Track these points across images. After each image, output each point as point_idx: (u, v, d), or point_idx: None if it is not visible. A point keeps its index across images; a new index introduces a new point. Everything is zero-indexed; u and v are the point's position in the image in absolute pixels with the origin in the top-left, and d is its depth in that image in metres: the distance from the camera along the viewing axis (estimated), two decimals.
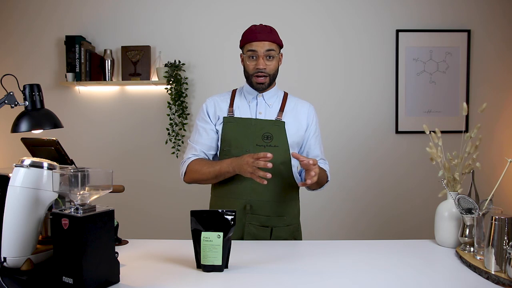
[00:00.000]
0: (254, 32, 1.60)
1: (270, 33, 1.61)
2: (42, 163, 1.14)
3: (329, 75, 2.96)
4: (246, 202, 1.60)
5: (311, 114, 1.72)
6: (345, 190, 2.97)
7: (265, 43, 1.59)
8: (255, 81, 1.63)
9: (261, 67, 1.60)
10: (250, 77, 1.65)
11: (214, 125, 1.68)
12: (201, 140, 1.66)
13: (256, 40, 1.59)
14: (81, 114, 3.00)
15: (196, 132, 1.70)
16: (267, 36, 1.60)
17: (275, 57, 1.63)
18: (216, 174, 1.57)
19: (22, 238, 1.11)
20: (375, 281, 1.14)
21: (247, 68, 1.65)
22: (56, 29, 2.97)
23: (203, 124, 1.69)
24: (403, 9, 2.93)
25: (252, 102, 1.69)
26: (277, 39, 1.63)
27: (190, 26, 2.96)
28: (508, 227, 1.13)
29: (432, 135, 1.49)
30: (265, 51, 1.59)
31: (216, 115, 1.68)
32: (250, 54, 1.61)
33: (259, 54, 1.59)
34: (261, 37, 1.59)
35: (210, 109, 1.70)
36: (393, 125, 2.96)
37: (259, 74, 1.61)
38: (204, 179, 1.61)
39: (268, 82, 1.64)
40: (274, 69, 1.64)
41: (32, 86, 1.27)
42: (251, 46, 1.60)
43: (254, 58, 1.61)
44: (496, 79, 2.93)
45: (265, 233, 1.60)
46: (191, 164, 1.63)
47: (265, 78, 1.62)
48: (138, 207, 2.98)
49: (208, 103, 1.71)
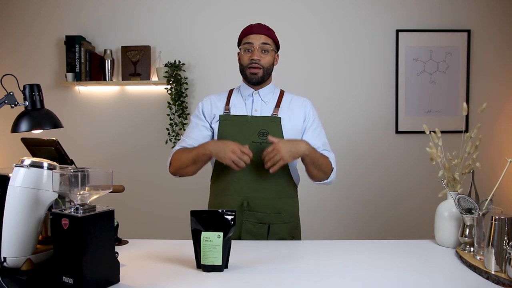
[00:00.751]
0: (251, 27, 1.66)
1: (267, 29, 1.66)
2: (42, 163, 1.14)
3: (329, 75, 2.96)
4: (243, 199, 1.60)
5: (307, 108, 1.71)
6: (345, 190, 2.97)
7: (261, 36, 1.63)
8: (248, 72, 1.64)
9: (255, 58, 1.62)
10: (244, 69, 1.66)
11: (210, 123, 1.69)
12: (192, 135, 1.67)
13: (252, 33, 1.63)
14: (81, 114, 3.00)
15: (189, 128, 1.72)
16: (264, 31, 1.64)
17: (269, 52, 1.64)
18: (193, 158, 1.56)
19: (22, 238, 1.11)
20: (375, 281, 1.14)
21: (242, 60, 1.67)
22: (56, 29, 2.97)
23: (196, 120, 1.71)
24: (403, 9, 2.93)
25: (248, 100, 1.69)
26: (273, 36, 1.67)
27: (190, 26, 2.96)
28: (508, 227, 1.13)
29: (432, 135, 1.49)
30: (261, 43, 1.62)
31: (212, 114, 1.69)
32: (247, 47, 1.64)
33: (254, 46, 1.62)
34: (258, 31, 1.64)
35: (206, 107, 1.71)
36: (393, 125, 2.96)
37: (253, 65, 1.63)
38: (183, 167, 1.61)
39: (261, 74, 1.64)
40: (268, 63, 1.65)
41: (32, 86, 1.27)
42: (248, 39, 1.64)
43: (249, 51, 1.64)
44: (496, 79, 2.93)
45: (262, 230, 1.60)
46: (174, 153, 1.65)
47: (259, 69, 1.63)
48: (138, 207, 2.98)
49: (205, 101, 1.74)
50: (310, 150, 1.53)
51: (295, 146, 1.50)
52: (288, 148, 1.48)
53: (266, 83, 1.70)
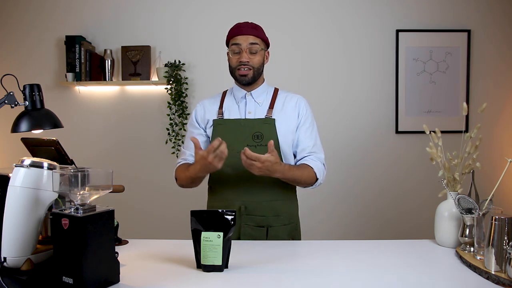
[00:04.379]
0: (238, 27, 1.63)
1: (254, 28, 1.63)
2: (42, 163, 1.14)
3: (329, 75, 2.96)
4: (241, 203, 1.60)
5: (301, 105, 1.68)
6: (345, 190, 2.97)
7: (248, 37, 1.60)
8: (238, 73, 1.63)
9: (244, 60, 1.60)
10: (234, 71, 1.65)
11: (204, 129, 1.69)
12: (190, 145, 1.66)
13: (240, 34, 1.61)
14: (81, 114, 3.00)
15: (186, 137, 1.74)
16: (251, 31, 1.61)
17: (258, 52, 1.62)
18: (190, 180, 1.60)
19: (22, 238, 1.11)
20: (375, 281, 1.14)
21: (230, 62, 1.65)
22: (56, 29, 2.97)
23: (192, 129, 1.72)
24: (403, 9, 2.93)
25: (241, 102, 1.68)
26: (262, 35, 1.64)
27: (190, 26, 2.96)
28: (508, 227, 1.13)
29: (432, 135, 1.49)
30: (249, 44, 1.60)
31: (205, 119, 1.69)
32: (234, 48, 1.62)
33: (242, 47, 1.60)
34: (245, 31, 1.61)
35: (199, 114, 1.72)
36: (393, 125, 2.96)
37: (242, 67, 1.61)
38: (186, 184, 1.65)
39: (251, 75, 1.62)
40: (258, 64, 1.63)
41: (32, 86, 1.27)
42: (235, 40, 1.61)
43: (237, 53, 1.62)
44: (496, 79, 2.93)
45: (261, 233, 1.60)
46: (176, 170, 1.68)
47: (249, 70, 1.62)
48: (138, 207, 2.98)
49: (198, 108, 1.74)
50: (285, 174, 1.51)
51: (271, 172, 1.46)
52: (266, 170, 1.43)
53: (258, 83, 1.68)
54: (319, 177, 1.62)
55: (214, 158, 1.40)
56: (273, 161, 1.43)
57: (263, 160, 1.40)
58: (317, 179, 1.62)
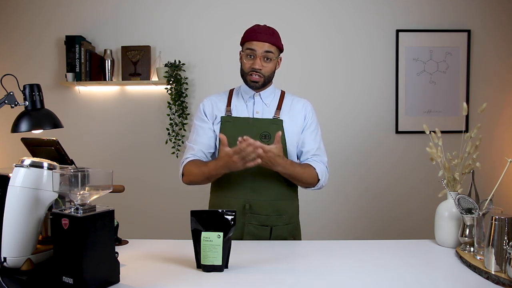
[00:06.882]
0: (256, 32, 1.60)
1: (271, 35, 1.61)
2: (42, 163, 1.14)
3: (329, 75, 2.96)
4: (245, 201, 1.60)
5: (307, 109, 1.70)
6: (344, 190, 2.97)
7: (264, 44, 1.58)
8: (249, 79, 1.63)
9: (257, 67, 1.59)
10: (245, 75, 1.64)
11: (212, 124, 1.68)
12: (199, 139, 1.66)
13: (257, 40, 1.58)
14: (81, 114, 3.00)
15: (194, 132, 1.70)
16: (268, 38, 1.59)
17: (272, 60, 1.62)
18: (206, 176, 1.58)
19: (22, 238, 1.11)
20: (375, 281, 1.14)
21: (243, 66, 1.64)
22: (56, 29, 2.97)
23: (201, 123, 1.69)
24: (403, 9, 2.93)
25: (249, 102, 1.68)
26: (278, 42, 1.63)
27: (190, 26, 2.96)
28: (508, 227, 1.13)
29: (432, 135, 1.49)
30: (264, 51, 1.58)
31: (213, 114, 1.68)
32: (249, 52, 1.60)
33: (257, 54, 1.59)
34: (262, 38, 1.58)
35: (207, 108, 1.70)
36: (393, 125, 2.96)
37: (254, 73, 1.61)
38: (197, 181, 1.62)
39: (262, 82, 1.63)
40: (269, 71, 1.63)
41: (32, 86, 1.27)
42: (251, 45, 1.60)
43: (251, 57, 1.61)
44: (496, 79, 2.93)
45: (265, 232, 1.60)
46: (186, 165, 1.63)
47: (260, 77, 1.61)
48: (138, 207, 2.98)
49: (205, 102, 1.72)
50: (286, 169, 1.52)
51: (273, 164, 1.48)
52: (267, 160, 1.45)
53: (267, 86, 1.69)
54: (321, 178, 1.63)
55: (240, 159, 1.40)
56: (276, 153, 1.44)
57: (267, 150, 1.41)
58: (318, 180, 1.62)
